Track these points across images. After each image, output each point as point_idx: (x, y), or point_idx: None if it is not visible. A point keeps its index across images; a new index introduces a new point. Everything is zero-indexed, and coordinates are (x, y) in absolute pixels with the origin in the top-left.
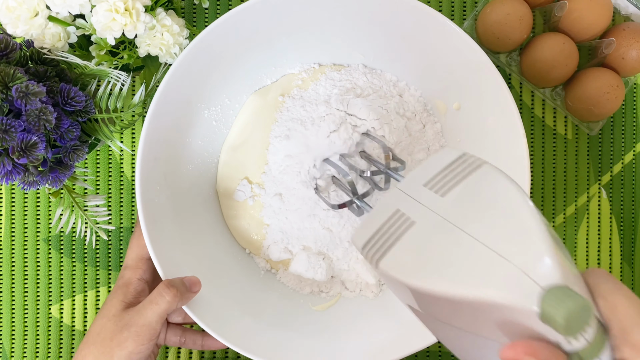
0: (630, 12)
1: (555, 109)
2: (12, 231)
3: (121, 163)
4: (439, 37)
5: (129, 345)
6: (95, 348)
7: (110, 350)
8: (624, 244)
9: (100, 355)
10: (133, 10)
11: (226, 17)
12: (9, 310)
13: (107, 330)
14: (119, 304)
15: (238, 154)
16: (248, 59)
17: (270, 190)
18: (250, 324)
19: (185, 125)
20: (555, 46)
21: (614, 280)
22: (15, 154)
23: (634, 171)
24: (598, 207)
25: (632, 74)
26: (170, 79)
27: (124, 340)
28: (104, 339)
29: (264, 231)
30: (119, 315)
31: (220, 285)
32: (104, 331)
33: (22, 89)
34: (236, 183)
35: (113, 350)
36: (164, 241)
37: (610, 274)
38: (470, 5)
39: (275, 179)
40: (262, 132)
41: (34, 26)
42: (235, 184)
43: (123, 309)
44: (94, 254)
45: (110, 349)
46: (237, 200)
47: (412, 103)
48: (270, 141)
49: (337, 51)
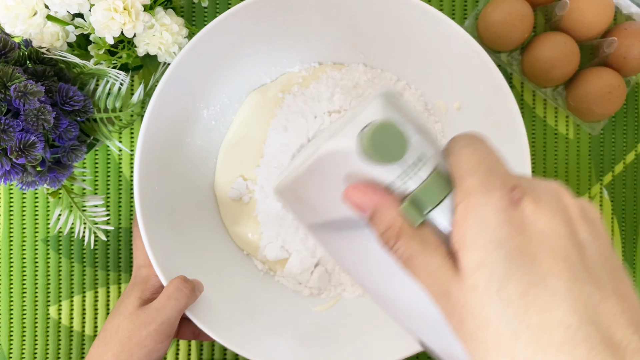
0: (632, 12)
1: (557, 108)
2: (10, 231)
3: (120, 163)
4: (440, 36)
5: (148, 343)
6: (113, 346)
7: (130, 349)
8: (626, 244)
9: (119, 354)
10: (132, 10)
11: (225, 15)
12: (7, 311)
13: (125, 329)
14: (135, 301)
15: (235, 152)
16: (247, 58)
17: (263, 183)
18: (249, 325)
19: (184, 125)
20: (556, 45)
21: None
22: (14, 154)
23: (636, 171)
24: (600, 207)
25: (633, 74)
26: (169, 79)
27: (144, 339)
28: (122, 338)
29: (260, 230)
30: (135, 313)
31: (220, 288)
32: (122, 330)
33: (20, 89)
34: (232, 182)
35: (132, 349)
36: (163, 242)
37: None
38: (472, 4)
39: (269, 171)
40: (260, 128)
41: (32, 25)
42: (231, 182)
43: (139, 306)
44: (93, 255)
45: (129, 348)
46: (233, 200)
47: (413, 102)
48: (267, 135)
49: (338, 50)
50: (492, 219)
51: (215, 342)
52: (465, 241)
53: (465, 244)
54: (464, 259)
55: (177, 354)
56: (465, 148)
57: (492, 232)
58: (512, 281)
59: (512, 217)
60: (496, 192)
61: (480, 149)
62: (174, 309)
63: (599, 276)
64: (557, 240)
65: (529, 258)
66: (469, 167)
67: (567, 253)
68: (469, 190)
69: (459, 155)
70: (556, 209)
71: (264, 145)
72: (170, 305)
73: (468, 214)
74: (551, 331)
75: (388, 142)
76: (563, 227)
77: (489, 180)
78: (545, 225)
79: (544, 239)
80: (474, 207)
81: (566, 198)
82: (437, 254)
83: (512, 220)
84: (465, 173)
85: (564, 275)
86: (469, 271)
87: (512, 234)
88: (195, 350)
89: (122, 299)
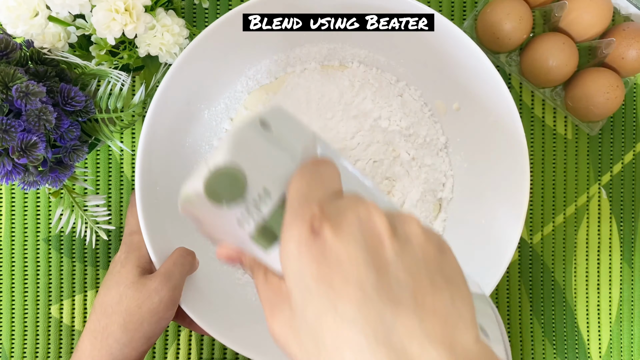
0: (630, 12)
1: (555, 109)
2: (12, 231)
3: (121, 163)
4: (439, 38)
5: (160, 310)
6: (118, 317)
7: (140, 317)
8: (624, 244)
9: (127, 324)
10: (133, 10)
11: (226, 17)
12: (8, 310)
13: (131, 298)
14: (134, 270)
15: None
16: (248, 58)
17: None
18: (249, 324)
19: (186, 125)
20: (555, 46)
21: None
22: (15, 154)
23: (634, 171)
24: (598, 207)
25: (632, 74)
26: (170, 79)
27: (156, 306)
28: (130, 307)
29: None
30: (140, 282)
31: (220, 288)
32: (126, 300)
33: (22, 89)
34: None
35: (143, 317)
36: (163, 242)
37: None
38: (470, 5)
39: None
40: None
41: (34, 26)
42: None
43: (140, 275)
44: (94, 254)
45: (139, 316)
46: None
47: (412, 103)
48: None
49: (338, 51)
50: (293, 251)
51: (215, 340)
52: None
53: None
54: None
55: (177, 354)
56: (295, 177)
57: (294, 263)
58: (309, 308)
59: (311, 247)
60: (298, 224)
61: (305, 176)
62: (182, 275)
63: (399, 294)
64: (350, 265)
65: (324, 285)
66: (291, 197)
67: (361, 276)
68: (285, 223)
69: (289, 186)
70: (356, 233)
71: None
72: (178, 270)
73: (281, 247)
74: (342, 352)
75: (227, 184)
76: (360, 250)
77: (298, 211)
78: (342, 251)
79: (340, 264)
80: (284, 240)
81: (375, 217)
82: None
83: (311, 250)
84: (288, 204)
85: (354, 298)
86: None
87: (310, 264)
88: (195, 350)
89: (116, 269)
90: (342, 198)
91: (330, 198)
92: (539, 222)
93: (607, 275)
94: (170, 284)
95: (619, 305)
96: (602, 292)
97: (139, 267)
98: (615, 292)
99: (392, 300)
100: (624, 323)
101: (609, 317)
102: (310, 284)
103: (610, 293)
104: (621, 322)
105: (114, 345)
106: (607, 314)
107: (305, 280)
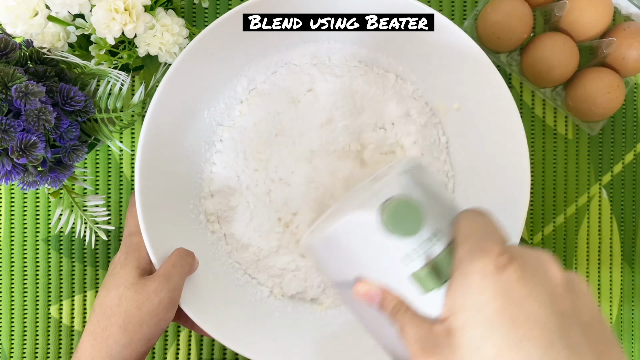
0: (630, 12)
1: (556, 109)
2: (11, 231)
3: (121, 163)
4: (439, 37)
5: (160, 312)
6: (118, 318)
7: (140, 319)
8: (625, 244)
9: (127, 325)
10: (133, 10)
11: (226, 17)
12: (8, 311)
13: (130, 300)
14: (134, 271)
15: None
16: (248, 58)
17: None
18: (250, 325)
19: (185, 125)
20: (555, 46)
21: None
22: (15, 154)
23: (635, 171)
24: (598, 207)
25: (632, 74)
26: (170, 79)
27: (156, 307)
28: (129, 309)
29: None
30: (140, 283)
31: (220, 288)
32: (127, 301)
33: (21, 89)
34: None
35: (143, 319)
36: (163, 243)
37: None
38: (471, 5)
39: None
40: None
41: (33, 26)
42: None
43: (139, 276)
44: (94, 254)
45: (139, 318)
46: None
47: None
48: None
49: (338, 50)
50: (477, 284)
51: (215, 340)
52: (454, 306)
53: (454, 308)
54: (452, 322)
55: (177, 354)
56: (464, 219)
57: (476, 296)
58: (489, 341)
59: (496, 282)
60: (483, 259)
61: (477, 219)
62: (181, 276)
63: (578, 343)
64: (537, 307)
65: (508, 321)
66: (464, 235)
67: (546, 320)
68: (461, 258)
69: (458, 226)
70: (541, 278)
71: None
72: (177, 272)
73: (457, 281)
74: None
75: (406, 218)
76: (545, 295)
77: (479, 247)
78: (528, 292)
79: (525, 304)
80: (462, 274)
81: (553, 269)
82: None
83: (496, 285)
84: (461, 241)
85: (539, 341)
86: (456, 333)
87: (495, 298)
88: (195, 350)
89: (115, 271)
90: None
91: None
92: (539, 222)
93: (608, 276)
94: (170, 285)
95: (620, 306)
96: (602, 293)
97: (139, 268)
98: (616, 292)
99: (573, 349)
100: (625, 323)
101: (610, 317)
102: (493, 317)
103: (610, 293)
104: (622, 322)
105: (113, 346)
106: (607, 314)
107: (486, 313)
